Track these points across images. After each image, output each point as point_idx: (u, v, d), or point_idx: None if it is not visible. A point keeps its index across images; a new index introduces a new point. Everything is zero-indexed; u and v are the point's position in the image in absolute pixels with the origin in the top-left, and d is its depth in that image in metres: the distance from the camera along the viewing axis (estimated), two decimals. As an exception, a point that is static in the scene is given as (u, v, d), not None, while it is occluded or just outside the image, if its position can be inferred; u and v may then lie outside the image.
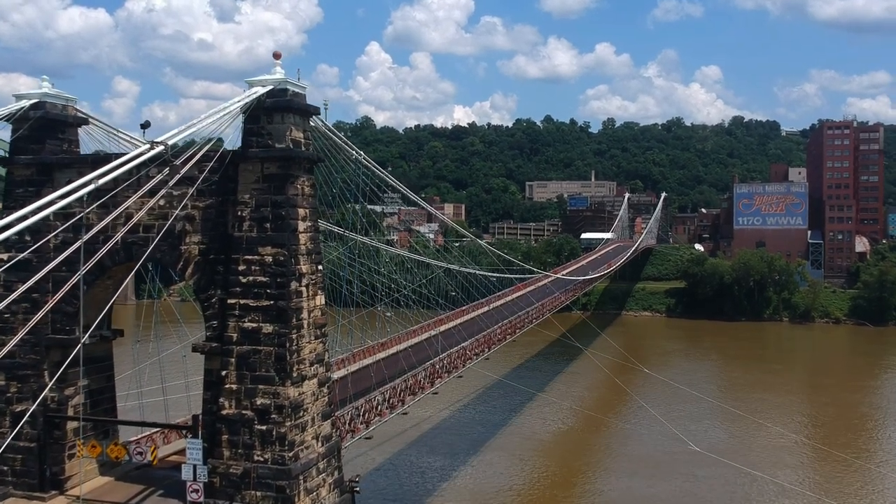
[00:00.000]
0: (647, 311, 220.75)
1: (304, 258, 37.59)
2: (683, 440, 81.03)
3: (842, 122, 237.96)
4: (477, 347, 76.84)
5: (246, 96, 36.38)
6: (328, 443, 39.03)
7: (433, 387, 64.47)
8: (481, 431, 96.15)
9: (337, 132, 42.94)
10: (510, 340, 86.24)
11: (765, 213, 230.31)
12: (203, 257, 37.93)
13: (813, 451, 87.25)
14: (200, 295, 38.17)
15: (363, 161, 46.75)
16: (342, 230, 69.85)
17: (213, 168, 37.45)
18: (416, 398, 60.88)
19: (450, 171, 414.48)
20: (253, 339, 36.38)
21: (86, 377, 40.72)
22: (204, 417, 37.46)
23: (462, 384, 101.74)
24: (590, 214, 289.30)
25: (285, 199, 36.76)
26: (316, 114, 39.27)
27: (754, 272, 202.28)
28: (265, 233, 36.75)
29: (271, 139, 37.03)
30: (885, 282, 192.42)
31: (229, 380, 36.62)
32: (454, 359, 70.66)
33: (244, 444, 36.14)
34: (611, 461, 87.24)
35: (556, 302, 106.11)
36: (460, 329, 78.22)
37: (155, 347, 50.36)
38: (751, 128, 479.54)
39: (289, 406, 35.88)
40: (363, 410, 52.51)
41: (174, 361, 51.67)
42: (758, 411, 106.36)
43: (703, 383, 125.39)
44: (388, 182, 53.42)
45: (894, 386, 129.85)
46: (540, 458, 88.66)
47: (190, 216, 38.15)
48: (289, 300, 36.29)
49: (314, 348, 38.13)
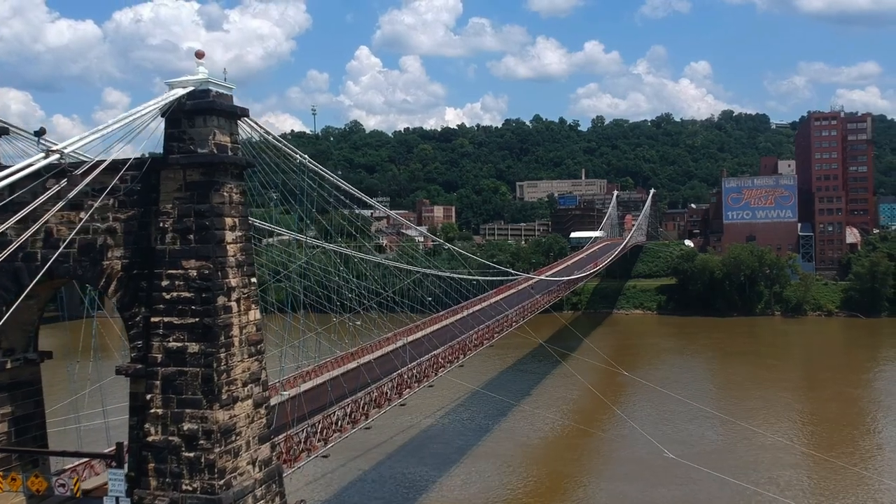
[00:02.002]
0: (638, 310, 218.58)
1: (234, 271, 35.01)
2: (660, 448, 78.38)
3: (829, 114, 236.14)
4: (451, 355, 74.39)
5: (162, 99, 33.84)
6: (267, 468, 36.46)
7: (401, 398, 62.00)
8: (469, 438, 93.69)
9: (275, 135, 40.32)
10: (486, 347, 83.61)
11: (754, 207, 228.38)
12: (126, 273, 35.33)
13: (806, 458, 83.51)
14: (124, 313, 35.59)
15: (309, 165, 44.14)
16: (308, 237, 67.36)
17: (134, 177, 34.95)
18: (381, 411, 58.42)
19: (440, 173, 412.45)
20: (178, 360, 33.79)
21: (9, 404, 38.09)
22: (131, 445, 34.89)
23: (445, 391, 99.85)
24: (579, 213, 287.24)
25: (209, 208, 34.18)
26: (245, 115, 36.69)
27: (744, 267, 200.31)
28: (189, 245, 34.16)
29: (193, 144, 34.47)
30: (876, 273, 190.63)
31: (154, 404, 34.03)
32: (425, 368, 68.22)
33: (172, 472, 33.54)
34: (602, 466, 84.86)
35: (536, 305, 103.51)
36: (431, 337, 75.59)
37: (96, 369, 47.67)
38: (740, 122, 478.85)
39: (218, 431, 33.30)
40: (320, 427, 50.07)
41: (122, 384, 49.12)
42: (751, 410, 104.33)
43: (691, 384, 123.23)
44: (341, 187, 50.64)
45: (891, 379, 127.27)
46: (530, 464, 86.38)
47: (111, 229, 35.55)
48: (215, 316, 33.72)
49: (248, 367, 35.55)
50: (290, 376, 62.07)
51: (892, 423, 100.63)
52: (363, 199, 55.87)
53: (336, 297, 71.53)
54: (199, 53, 35.47)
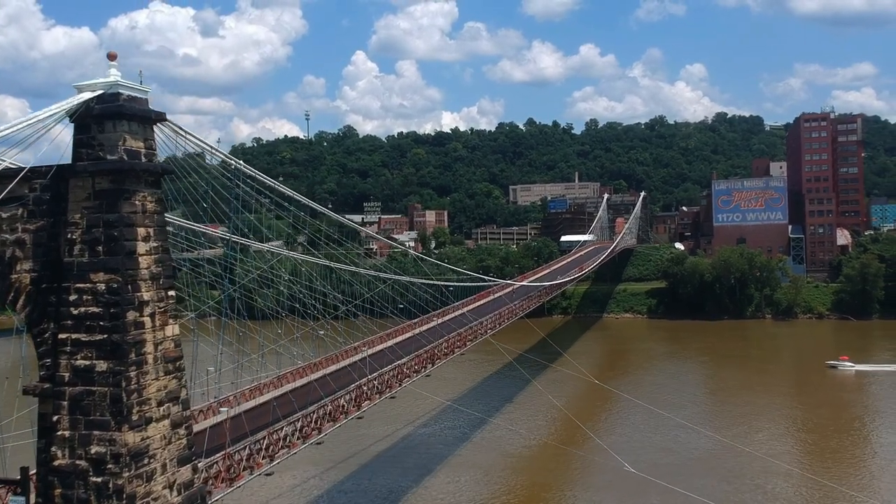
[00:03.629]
0: (629, 313, 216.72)
1: (147, 284, 33.14)
2: (622, 463, 76.19)
3: (819, 115, 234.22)
4: (417, 365, 72.49)
5: (67, 102, 32.01)
6: (187, 490, 34.55)
7: (360, 410, 60.08)
8: (443, 449, 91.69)
9: (199, 139, 38.45)
10: (457, 356, 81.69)
11: (744, 209, 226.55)
12: (35, 287, 33.44)
13: (795, 479, 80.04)
14: (33, 329, 33.70)
15: (243, 169, 42.34)
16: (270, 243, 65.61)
17: (43, 186, 33.11)
18: (336, 425, 56.48)
19: (433, 177, 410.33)
20: (86, 379, 31.93)
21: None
22: (39, 469, 32.99)
23: (420, 401, 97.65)
24: (569, 217, 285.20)
25: (119, 218, 32.34)
26: (161, 120, 34.85)
27: (734, 270, 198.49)
28: (97, 257, 32.33)
29: (103, 150, 32.64)
30: (866, 275, 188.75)
31: (62, 426, 32.16)
32: (388, 378, 66.32)
33: (79, 499, 31.64)
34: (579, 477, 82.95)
35: (513, 313, 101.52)
36: (396, 348, 73.65)
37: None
38: (734, 123, 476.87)
39: (127, 454, 31.42)
40: (266, 444, 48.16)
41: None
42: (738, 417, 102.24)
43: (677, 391, 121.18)
44: (278, 190, 48.79)
45: (880, 389, 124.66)
46: (509, 473, 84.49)
47: (20, 241, 33.60)
48: (125, 333, 31.86)
49: (164, 386, 33.66)
50: (247, 389, 60.36)
51: (882, 430, 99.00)
52: (311, 205, 53.83)
53: (299, 306, 69.83)
54: (112, 55, 33.71)
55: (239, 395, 57.40)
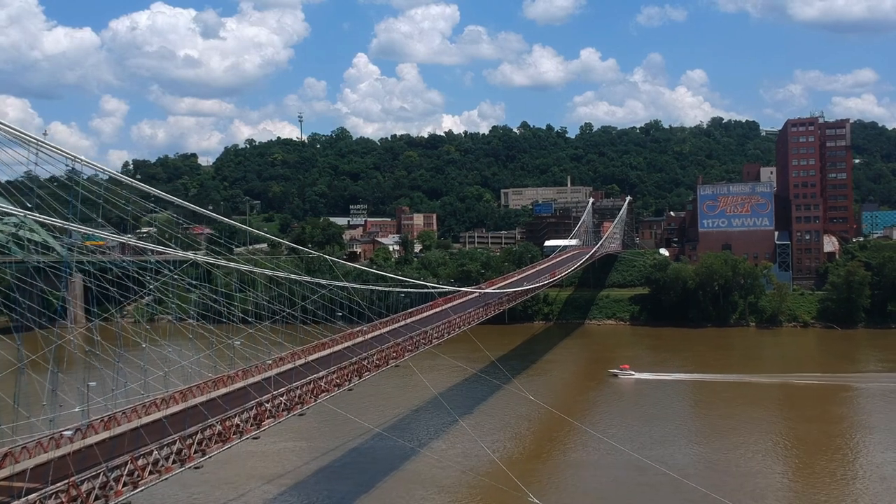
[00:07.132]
0: (611, 320, 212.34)
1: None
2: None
3: (806, 119, 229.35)
4: (342, 377, 68.22)
5: None
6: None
7: (259, 429, 55.77)
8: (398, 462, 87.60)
9: (50, 142, 34.34)
10: (391, 367, 77.33)
11: (730, 215, 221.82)
12: None
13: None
14: None
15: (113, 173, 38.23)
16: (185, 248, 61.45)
17: None
18: (226, 446, 52.13)
19: (424, 180, 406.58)
20: None
21: None
22: None
23: (381, 409, 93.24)
24: (554, 221, 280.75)
25: None
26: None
27: (718, 276, 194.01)
28: None
29: None
30: (852, 283, 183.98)
31: None
32: (304, 392, 62.08)
33: None
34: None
35: (463, 320, 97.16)
36: (316, 363, 69.37)
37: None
38: (730, 128, 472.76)
39: None
40: (127, 471, 43.88)
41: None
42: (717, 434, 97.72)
43: (654, 406, 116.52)
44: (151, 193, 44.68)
45: (866, 404, 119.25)
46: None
47: None
48: None
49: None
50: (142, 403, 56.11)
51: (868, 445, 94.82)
52: (184, 205, 49.69)
53: (211, 314, 65.76)
54: None
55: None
